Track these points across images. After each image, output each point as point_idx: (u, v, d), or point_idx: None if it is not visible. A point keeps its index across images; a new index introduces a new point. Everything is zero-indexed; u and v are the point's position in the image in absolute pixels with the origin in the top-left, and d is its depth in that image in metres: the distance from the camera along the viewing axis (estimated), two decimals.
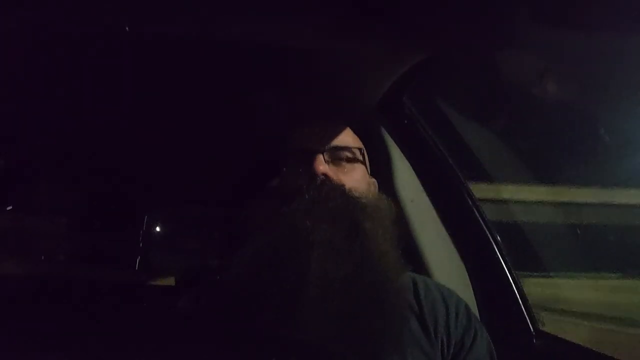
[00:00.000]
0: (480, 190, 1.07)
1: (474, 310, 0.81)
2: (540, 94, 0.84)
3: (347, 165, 0.82)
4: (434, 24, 0.78)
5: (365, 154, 0.86)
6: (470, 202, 1.03)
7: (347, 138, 0.84)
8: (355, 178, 0.80)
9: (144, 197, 2.05)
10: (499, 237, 1.02)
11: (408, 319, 0.74)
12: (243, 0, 0.74)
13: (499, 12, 0.71)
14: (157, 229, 2.41)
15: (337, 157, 0.81)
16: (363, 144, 0.87)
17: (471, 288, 0.99)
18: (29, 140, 1.38)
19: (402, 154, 1.08)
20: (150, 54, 0.90)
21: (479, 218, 1.02)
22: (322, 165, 0.77)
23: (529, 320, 0.95)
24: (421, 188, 1.07)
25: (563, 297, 1.28)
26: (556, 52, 0.81)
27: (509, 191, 1.30)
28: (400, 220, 0.80)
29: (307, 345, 0.60)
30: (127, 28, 0.79)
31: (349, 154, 0.82)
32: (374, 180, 0.87)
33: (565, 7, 0.66)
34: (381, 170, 0.90)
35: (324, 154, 0.79)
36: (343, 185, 0.76)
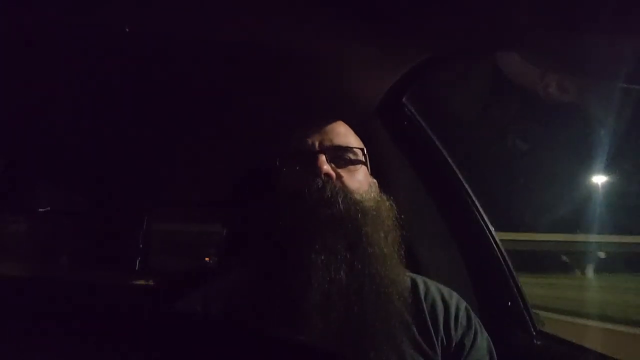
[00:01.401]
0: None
1: (474, 310, 0.81)
2: (544, 97, 0.84)
3: (350, 166, 0.80)
4: (435, 26, 0.78)
5: (367, 154, 0.84)
6: (470, 203, 1.03)
7: (349, 138, 0.83)
8: (358, 179, 0.79)
9: (143, 198, 2.05)
10: (497, 238, 1.02)
11: (408, 321, 0.74)
12: (244, 2, 0.74)
13: (499, 13, 0.71)
14: (157, 230, 2.41)
15: (339, 157, 0.79)
16: (363, 144, 0.86)
17: (471, 288, 0.99)
18: (29, 140, 1.38)
19: (402, 155, 1.08)
20: (151, 54, 0.90)
21: (479, 219, 1.02)
22: (325, 165, 0.75)
23: (529, 320, 0.95)
24: (421, 189, 1.07)
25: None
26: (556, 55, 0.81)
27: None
28: (400, 221, 0.79)
29: (309, 348, 0.60)
30: (127, 29, 0.79)
31: (351, 155, 0.81)
32: (374, 180, 0.86)
33: (565, 9, 0.66)
34: (381, 171, 0.90)
35: (326, 154, 0.78)
36: (345, 187, 0.75)
